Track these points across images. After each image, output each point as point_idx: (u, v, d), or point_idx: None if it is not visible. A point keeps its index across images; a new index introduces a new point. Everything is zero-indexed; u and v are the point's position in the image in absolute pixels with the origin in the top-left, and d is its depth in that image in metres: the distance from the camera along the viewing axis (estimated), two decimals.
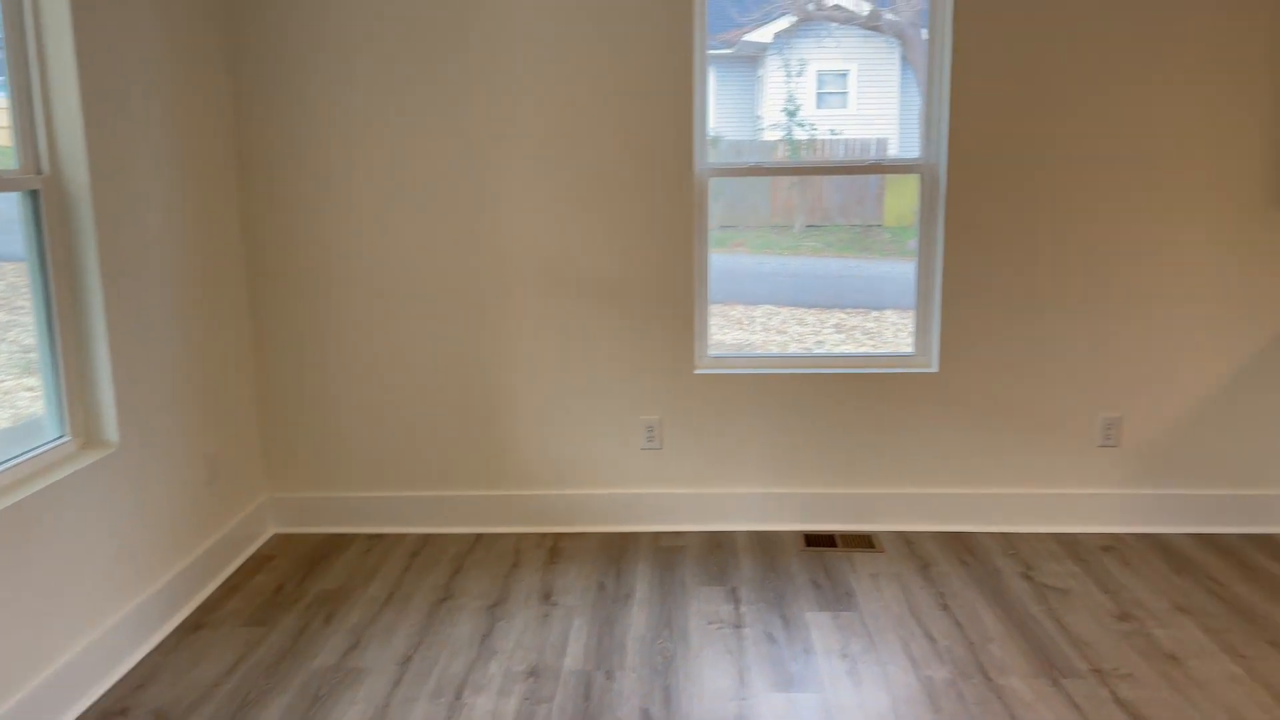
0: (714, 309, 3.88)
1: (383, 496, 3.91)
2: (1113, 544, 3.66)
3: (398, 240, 3.74)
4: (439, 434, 3.87)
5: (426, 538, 3.84)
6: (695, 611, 3.17)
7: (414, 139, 3.67)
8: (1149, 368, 3.71)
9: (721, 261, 3.94)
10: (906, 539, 3.74)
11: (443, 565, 3.58)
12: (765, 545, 3.71)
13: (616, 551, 3.67)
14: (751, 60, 4.01)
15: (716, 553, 3.64)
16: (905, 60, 3.89)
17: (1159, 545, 3.65)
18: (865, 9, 3.81)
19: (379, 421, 3.87)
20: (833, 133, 3.89)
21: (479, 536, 3.85)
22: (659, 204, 3.69)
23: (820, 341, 4.08)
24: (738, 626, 3.07)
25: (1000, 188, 3.63)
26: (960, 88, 3.57)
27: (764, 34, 3.96)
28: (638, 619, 3.13)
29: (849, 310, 4.16)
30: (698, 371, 3.81)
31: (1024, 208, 3.64)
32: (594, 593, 3.33)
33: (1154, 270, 3.65)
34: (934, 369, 3.78)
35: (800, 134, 3.89)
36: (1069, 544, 3.67)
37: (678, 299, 3.75)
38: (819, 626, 3.05)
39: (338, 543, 3.81)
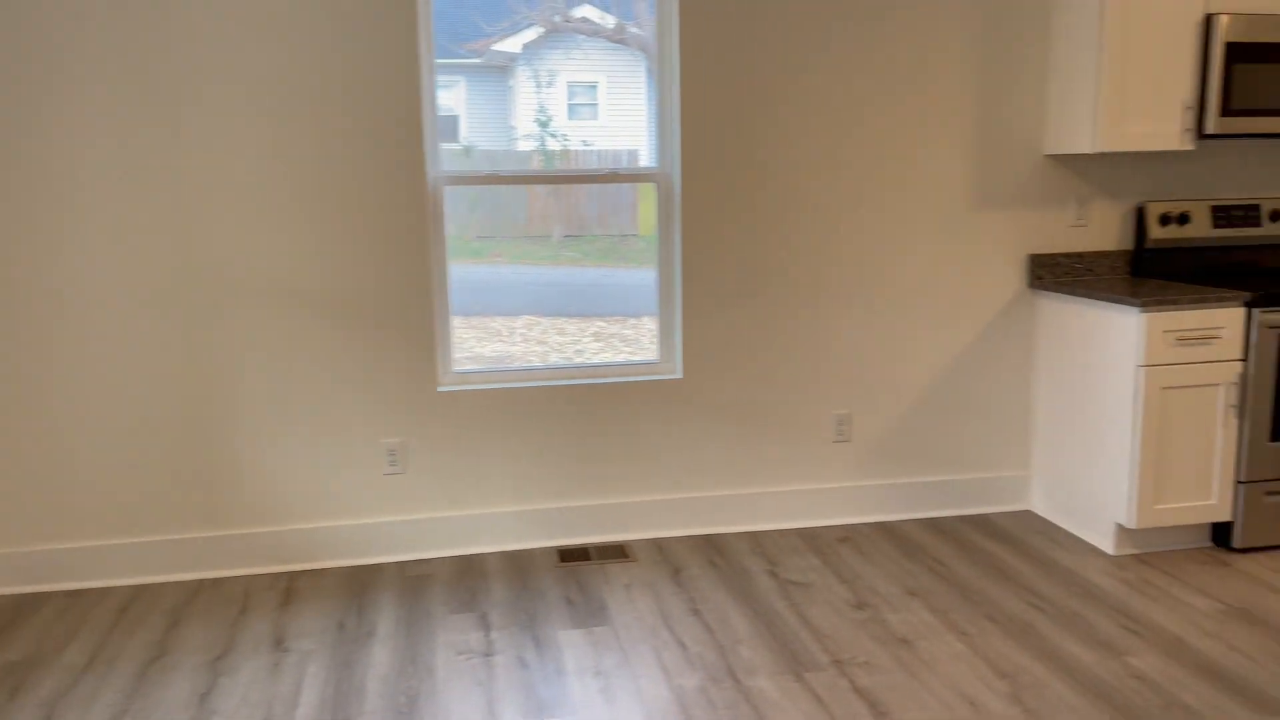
0: (474, 321, 3.74)
1: (83, 547, 3.45)
2: (849, 535, 3.84)
3: (88, 255, 3.32)
4: (150, 471, 3.47)
5: (138, 590, 3.43)
6: (443, 643, 3.00)
7: (106, 144, 3.27)
8: (874, 364, 3.93)
9: (480, 272, 3.82)
10: (659, 545, 3.75)
11: (157, 619, 3.20)
12: (518, 565, 3.59)
13: (359, 586, 3.43)
14: (502, 70, 3.93)
15: (467, 578, 3.49)
16: (651, 73, 3.91)
17: (890, 532, 3.86)
18: (611, 22, 3.81)
19: (75, 460, 3.42)
20: (585, 144, 3.86)
21: (201, 583, 3.48)
22: (391, 215, 3.50)
23: (580, 350, 4.04)
24: (488, 655, 2.93)
25: (731, 196, 3.72)
26: (689, 99, 3.63)
27: (513, 44, 3.89)
28: (380, 658, 2.92)
29: (608, 318, 4.15)
30: (441, 389, 3.65)
31: (755, 215, 3.75)
32: (333, 634, 3.08)
33: (875, 272, 3.86)
34: (679, 375, 3.81)
35: (553, 144, 3.84)
36: (810, 538, 3.81)
37: (416, 313, 3.57)
38: (572, 645, 2.97)
39: (27, 605, 3.32)
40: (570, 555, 3.67)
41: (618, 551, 3.70)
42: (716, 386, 3.83)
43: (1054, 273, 3.94)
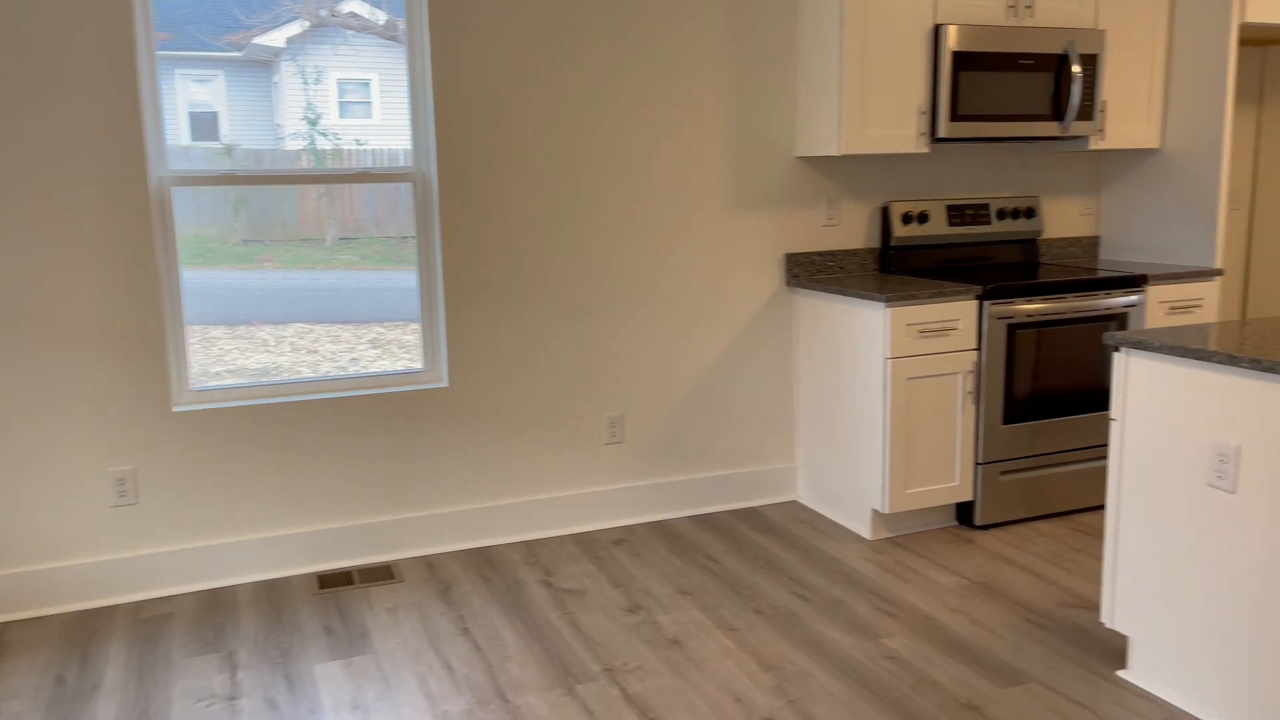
0: (239, 331, 3.43)
1: None
2: (625, 537, 3.82)
3: None
4: None
5: None
6: (181, 691, 2.72)
7: None
8: (644, 365, 3.93)
9: (247, 279, 3.52)
10: (429, 563, 3.59)
11: None
12: (273, 596, 3.33)
13: (84, 634, 3.07)
14: (266, 65, 3.64)
15: (212, 614, 3.19)
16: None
17: (664, 532, 3.87)
18: (381, 18, 3.61)
19: None
20: (358, 142, 3.64)
21: None
22: (108, 219, 3.15)
23: (355, 359, 3.81)
24: (232, 699, 2.68)
25: (492, 197, 3.61)
26: (443, 97, 3.49)
27: (276, 38, 3.61)
28: (105, 713, 2.61)
29: (387, 324, 3.94)
30: (177, 409, 3.32)
31: (517, 217, 3.66)
32: (49, 690, 2.73)
33: (640, 274, 3.86)
34: (444, 383, 3.66)
35: (324, 143, 3.60)
36: (586, 543, 3.76)
37: (144, 328, 3.23)
38: (329, 679, 2.77)
39: None
40: (331, 580, 3.44)
41: (383, 573, 3.51)
42: (484, 394, 3.71)
43: (809, 270, 4.08)
